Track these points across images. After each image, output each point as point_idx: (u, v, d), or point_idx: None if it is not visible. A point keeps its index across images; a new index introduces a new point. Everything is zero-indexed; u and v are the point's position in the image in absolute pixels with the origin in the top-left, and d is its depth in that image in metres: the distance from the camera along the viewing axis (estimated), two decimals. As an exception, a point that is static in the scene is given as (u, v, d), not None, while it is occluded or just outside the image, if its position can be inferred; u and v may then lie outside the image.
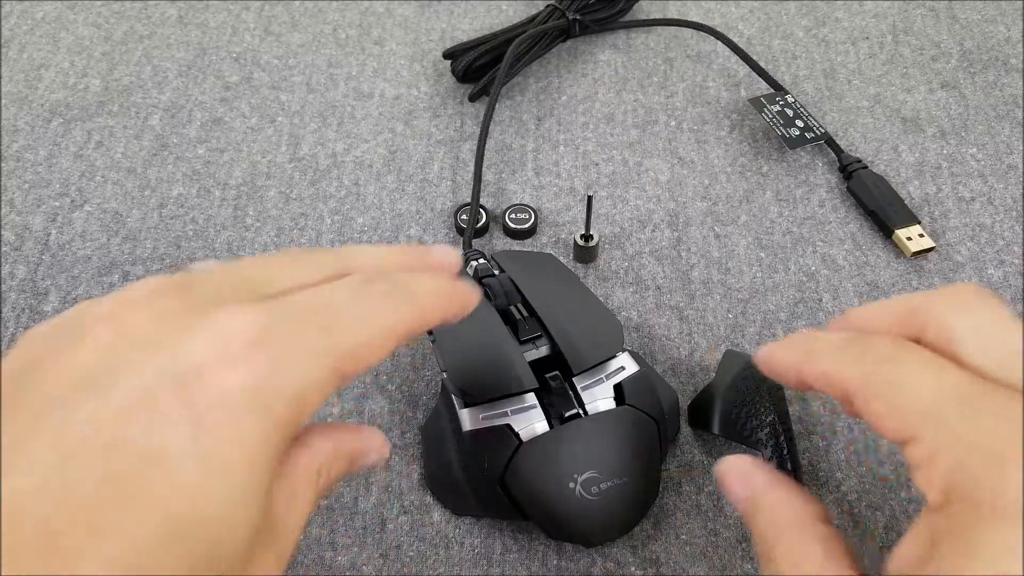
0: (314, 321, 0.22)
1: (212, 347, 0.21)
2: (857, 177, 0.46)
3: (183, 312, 0.22)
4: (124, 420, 0.19)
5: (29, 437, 0.19)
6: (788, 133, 0.48)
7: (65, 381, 0.20)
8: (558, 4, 0.53)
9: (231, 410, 0.20)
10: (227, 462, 0.20)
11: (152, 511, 0.19)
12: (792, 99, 0.50)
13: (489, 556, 0.34)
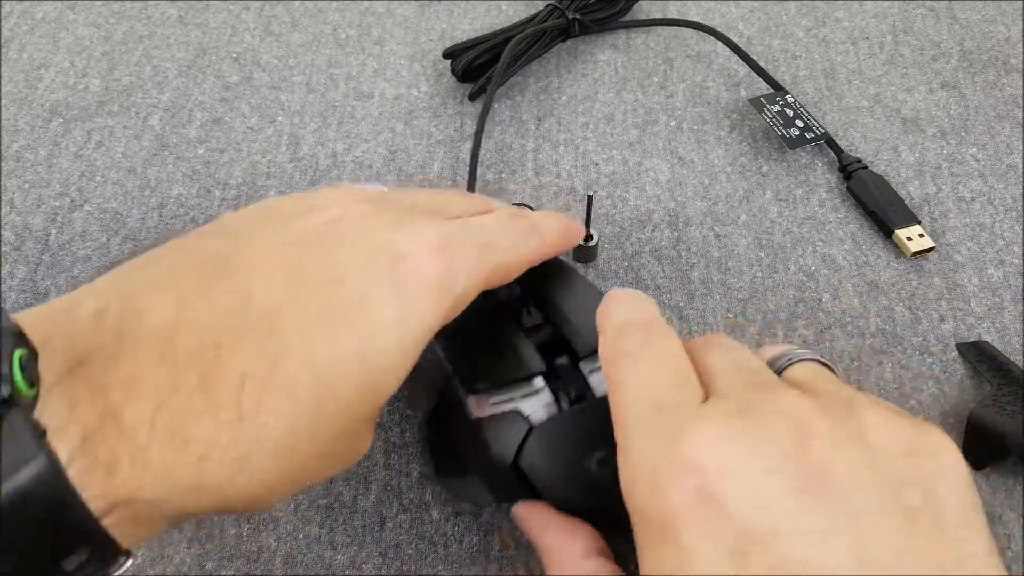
0: (479, 241, 0.29)
1: (415, 242, 0.26)
2: (857, 177, 0.46)
3: (393, 214, 0.28)
4: (346, 269, 0.25)
5: (273, 261, 0.25)
6: (788, 133, 0.48)
7: (302, 231, 0.26)
8: (558, 3, 0.53)
9: (423, 287, 0.26)
10: (410, 322, 0.25)
11: (351, 336, 0.24)
12: (792, 99, 0.50)
13: (488, 554, 0.34)
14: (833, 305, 0.42)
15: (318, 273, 0.25)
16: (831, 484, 0.20)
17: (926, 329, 0.42)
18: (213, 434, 0.22)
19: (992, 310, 0.42)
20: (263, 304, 0.23)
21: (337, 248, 0.26)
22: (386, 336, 0.25)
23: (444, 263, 0.27)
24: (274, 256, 0.25)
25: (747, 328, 0.42)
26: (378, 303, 0.25)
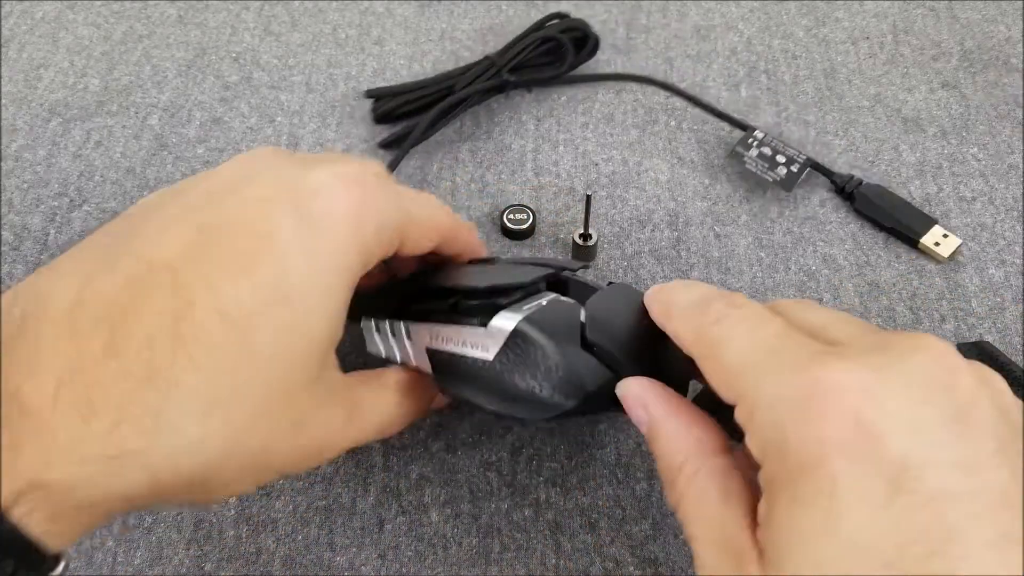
0: (397, 188, 0.29)
1: (327, 176, 0.26)
2: (860, 196, 0.45)
3: (296, 158, 0.27)
4: (251, 206, 0.25)
5: (179, 218, 0.24)
6: (777, 175, 0.46)
7: (209, 187, 0.26)
8: (495, 59, 0.50)
9: (334, 220, 0.25)
10: (321, 254, 0.25)
11: (257, 275, 0.23)
12: (761, 134, 0.48)
13: (487, 555, 0.34)
14: (834, 305, 0.42)
15: (222, 220, 0.24)
16: (979, 417, 0.20)
17: (927, 329, 0.42)
18: (124, 397, 0.21)
19: (993, 310, 0.42)
20: (166, 263, 0.23)
21: (243, 191, 0.25)
22: (296, 271, 0.24)
23: (358, 196, 0.26)
24: (179, 217, 0.24)
25: (747, 328, 0.41)
26: (283, 238, 0.24)
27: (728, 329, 0.24)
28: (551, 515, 0.35)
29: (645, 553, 0.34)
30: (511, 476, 0.36)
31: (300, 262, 0.24)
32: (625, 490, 0.36)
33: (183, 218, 0.24)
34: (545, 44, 0.50)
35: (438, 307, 0.30)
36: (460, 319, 0.29)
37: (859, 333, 0.24)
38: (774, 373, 0.22)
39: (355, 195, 0.26)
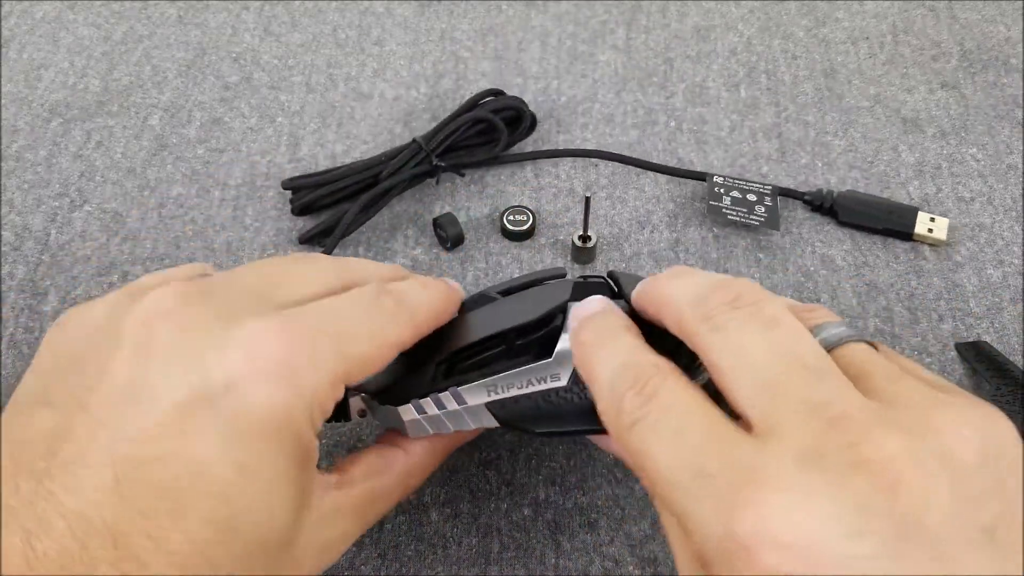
0: (329, 334, 0.25)
1: (240, 364, 0.23)
2: (841, 208, 0.45)
3: (211, 323, 0.24)
4: (166, 435, 0.22)
5: (90, 452, 0.21)
6: (759, 216, 0.45)
7: (108, 394, 0.22)
8: (423, 144, 0.46)
9: (258, 422, 0.23)
10: (259, 467, 0.23)
11: (200, 514, 0.22)
12: (720, 178, 0.46)
13: (487, 555, 0.34)
14: (832, 305, 0.42)
15: (138, 454, 0.22)
16: (922, 528, 0.18)
17: (925, 329, 0.42)
18: None
19: (991, 310, 0.42)
20: (99, 519, 0.21)
21: (150, 408, 0.22)
22: (239, 496, 0.22)
23: (280, 378, 0.23)
24: (91, 443, 0.22)
25: (746, 329, 0.42)
26: (211, 463, 0.22)
27: (646, 440, 0.22)
28: (550, 514, 0.35)
29: (644, 552, 0.34)
30: (510, 475, 0.37)
31: (235, 485, 0.22)
32: (624, 489, 0.36)
33: (95, 452, 0.22)
34: (478, 125, 0.47)
35: (485, 360, 0.29)
36: (516, 362, 0.28)
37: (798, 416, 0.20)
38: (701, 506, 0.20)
39: (277, 384, 0.23)
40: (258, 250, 0.45)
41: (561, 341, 0.28)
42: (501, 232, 0.45)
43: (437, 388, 0.29)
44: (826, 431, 0.19)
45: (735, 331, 0.22)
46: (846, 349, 0.23)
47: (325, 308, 0.26)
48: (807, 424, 0.20)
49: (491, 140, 0.47)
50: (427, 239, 0.45)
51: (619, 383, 0.23)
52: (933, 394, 0.21)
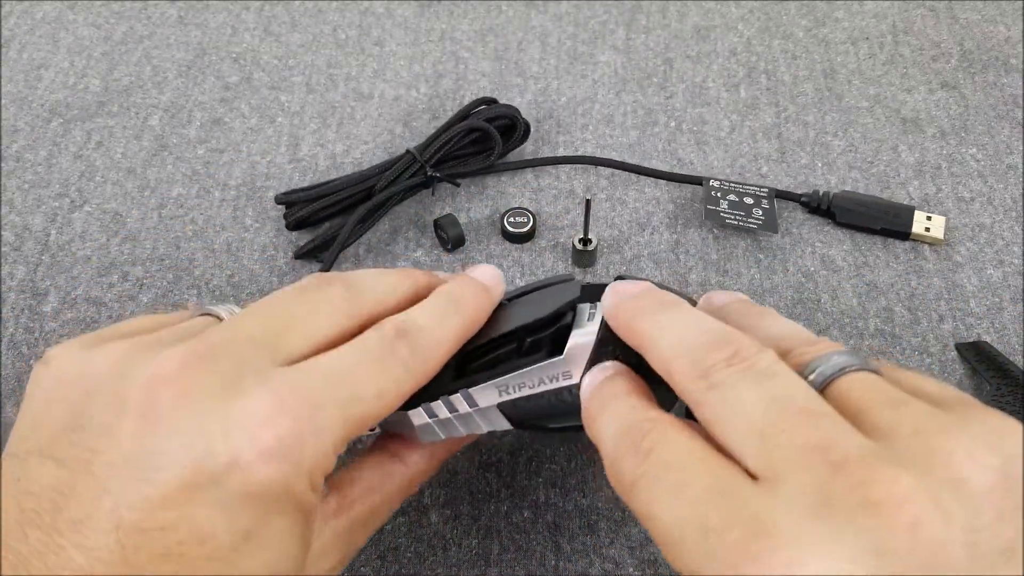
0: (334, 402, 0.25)
1: (243, 443, 0.23)
2: (838, 209, 0.45)
3: (214, 392, 0.24)
4: (170, 507, 0.22)
5: (97, 515, 0.22)
6: (757, 219, 0.45)
7: (113, 461, 0.23)
8: (417, 155, 0.45)
9: (260, 496, 0.23)
10: (261, 532, 0.23)
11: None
12: (717, 182, 0.46)
13: (487, 557, 0.34)
14: (832, 306, 0.42)
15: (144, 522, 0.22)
16: (943, 563, 0.18)
17: (925, 329, 0.42)
18: None
19: (991, 310, 0.42)
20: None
21: (154, 478, 0.22)
22: (242, 562, 0.23)
23: (281, 456, 0.23)
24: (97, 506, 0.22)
25: (746, 329, 0.42)
26: (215, 534, 0.22)
27: (652, 494, 0.21)
28: (550, 516, 0.36)
29: (644, 554, 0.35)
30: (510, 477, 0.37)
31: (238, 552, 0.23)
32: (624, 491, 0.36)
33: (101, 516, 0.22)
34: (472, 134, 0.46)
35: (496, 360, 0.29)
36: (527, 360, 0.28)
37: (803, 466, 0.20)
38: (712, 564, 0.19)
39: (275, 464, 0.23)
40: (258, 250, 0.45)
41: (572, 337, 0.28)
42: (501, 234, 0.45)
43: (447, 390, 0.29)
44: (831, 475, 0.19)
45: (731, 388, 0.22)
46: (845, 380, 0.22)
47: (331, 369, 0.25)
48: (811, 469, 0.19)
49: (485, 149, 0.47)
50: (428, 240, 0.45)
51: (620, 444, 0.23)
52: (936, 418, 0.20)
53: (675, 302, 0.26)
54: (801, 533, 0.18)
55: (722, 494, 0.20)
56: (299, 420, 0.24)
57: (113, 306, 0.43)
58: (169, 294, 0.43)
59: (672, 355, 0.24)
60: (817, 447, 0.19)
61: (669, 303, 0.26)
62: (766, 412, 0.21)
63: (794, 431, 0.20)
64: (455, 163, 0.47)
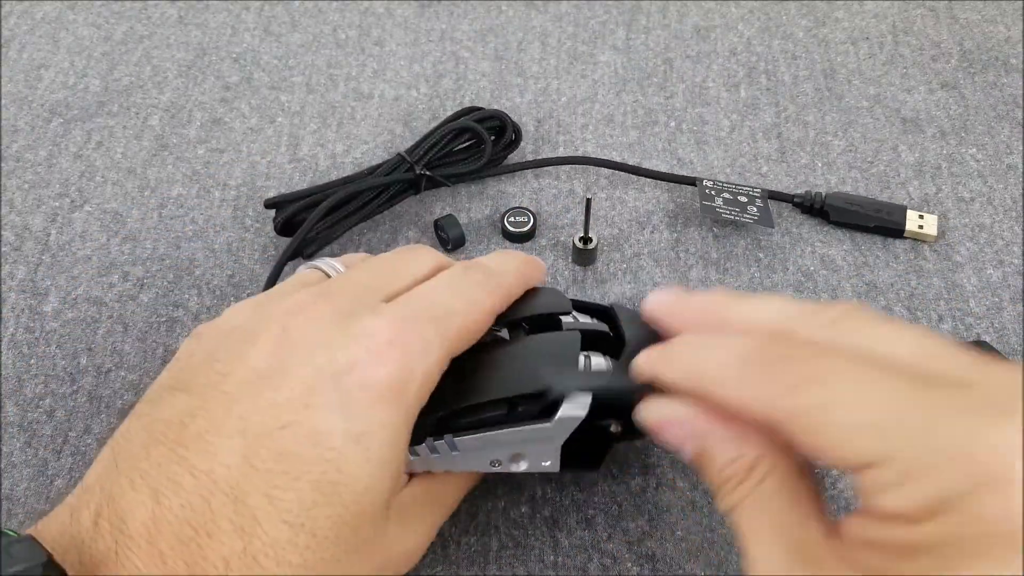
0: (432, 318, 0.28)
1: (359, 349, 0.26)
2: (832, 209, 0.45)
3: (333, 318, 0.27)
4: (292, 408, 0.25)
5: (224, 423, 0.25)
6: (752, 215, 0.45)
7: (245, 377, 0.26)
8: (407, 156, 0.45)
9: (375, 397, 0.26)
10: (371, 439, 0.25)
11: (312, 477, 0.25)
12: (710, 181, 0.46)
13: (486, 553, 0.34)
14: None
15: (267, 426, 0.25)
16: None
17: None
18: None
19: (991, 310, 0.42)
20: (224, 478, 0.24)
21: (280, 386, 0.26)
22: (349, 463, 0.25)
23: (395, 359, 0.26)
24: (224, 422, 0.25)
25: (745, 328, 0.42)
26: (330, 433, 0.25)
27: (830, 392, 0.22)
28: (548, 512, 0.35)
29: (642, 549, 0.34)
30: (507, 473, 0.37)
31: (351, 455, 0.25)
32: (620, 486, 0.36)
33: (228, 423, 0.25)
34: (462, 136, 0.46)
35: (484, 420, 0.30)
36: (515, 419, 0.29)
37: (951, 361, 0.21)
38: (931, 435, 0.20)
39: (391, 361, 0.26)
40: (259, 250, 0.45)
41: (562, 409, 0.29)
42: (502, 233, 0.45)
43: (433, 434, 0.30)
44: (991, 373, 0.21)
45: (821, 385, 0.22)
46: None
47: (425, 294, 0.29)
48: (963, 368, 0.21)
49: (477, 153, 0.47)
50: (428, 241, 0.45)
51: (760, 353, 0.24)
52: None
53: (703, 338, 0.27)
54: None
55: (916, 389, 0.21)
56: (404, 332, 0.27)
57: (114, 306, 0.43)
58: (169, 294, 0.43)
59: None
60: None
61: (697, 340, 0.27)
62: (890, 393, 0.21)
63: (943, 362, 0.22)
64: (448, 166, 0.46)
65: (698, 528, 0.35)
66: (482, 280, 0.30)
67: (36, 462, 0.37)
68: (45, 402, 0.39)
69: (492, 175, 0.48)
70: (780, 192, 0.46)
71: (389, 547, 0.27)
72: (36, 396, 0.39)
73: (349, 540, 0.25)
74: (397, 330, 0.27)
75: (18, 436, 0.38)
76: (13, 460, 0.37)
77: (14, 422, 0.38)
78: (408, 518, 0.29)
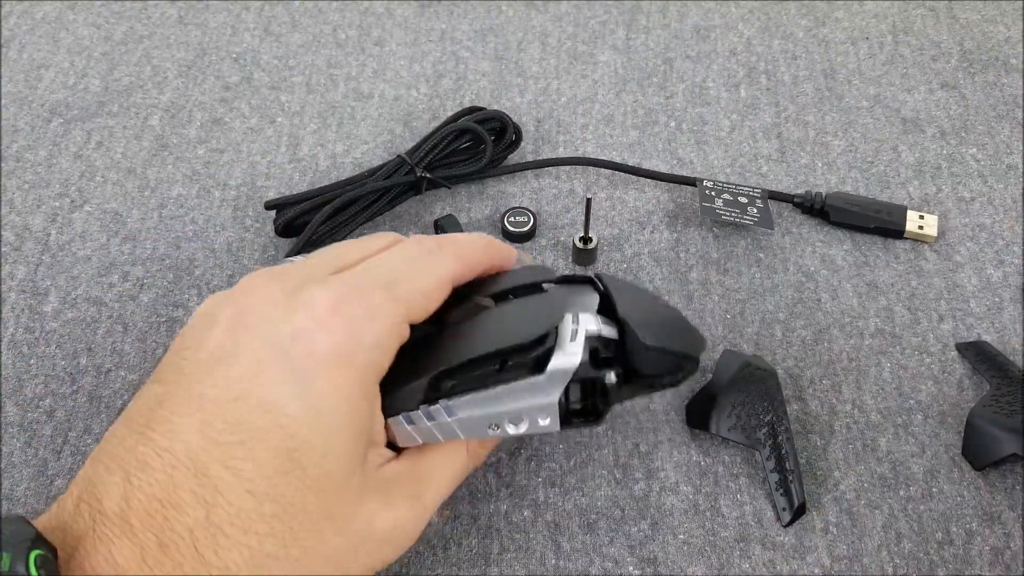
0: (377, 281, 0.29)
1: (302, 318, 0.27)
2: (832, 209, 0.45)
3: (281, 295, 0.28)
4: (243, 381, 0.26)
5: (184, 403, 0.26)
6: (752, 216, 0.45)
7: (203, 359, 0.27)
8: (407, 157, 0.45)
9: (322, 363, 0.26)
10: (323, 402, 0.26)
11: (268, 446, 0.25)
12: (710, 182, 0.46)
13: (487, 556, 0.34)
14: (832, 305, 0.42)
15: (221, 397, 0.26)
16: None
17: (925, 329, 0.42)
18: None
19: (991, 310, 0.42)
20: (184, 452, 0.25)
21: (232, 363, 0.27)
22: (302, 428, 0.26)
23: (339, 325, 0.27)
24: (185, 401, 0.26)
25: (745, 328, 0.42)
26: (280, 401, 0.26)
27: None
28: (550, 515, 0.35)
29: (644, 553, 0.35)
30: (510, 477, 0.37)
31: (304, 422, 0.26)
32: (623, 490, 0.36)
33: (188, 403, 0.26)
34: (462, 137, 0.46)
35: (478, 377, 0.29)
36: (508, 376, 0.29)
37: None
38: None
39: (336, 328, 0.27)
40: (259, 251, 0.45)
41: (554, 360, 0.28)
42: (502, 233, 0.45)
43: (428, 400, 0.29)
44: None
45: None
46: None
47: (373, 264, 0.30)
48: None
49: (477, 154, 0.47)
50: (427, 239, 0.45)
51: None
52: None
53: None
54: None
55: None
56: (347, 298, 0.28)
57: (113, 306, 0.43)
58: (169, 294, 0.43)
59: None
60: None
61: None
62: None
63: None
64: (448, 167, 0.46)
65: (700, 532, 0.35)
66: (433, 248, 0.31)
67: (36, 462, 0.37)
68: (45, 402, 0.39)
69: (492, 176, 0.48)
70: (780, 192, 0.46)
71: (369, 520, 0.27)
72: (36, 396, 0.39)
73: (319, 508, 0.26)
74: (339, 296, 0.28)
75: (18, 436, 0.38)
76: (13, 460, 0.37)
77: (14, 422, 0.38)
78: (391, 493, 0.28)
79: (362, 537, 0.27)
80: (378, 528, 0.28)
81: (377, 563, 0.28)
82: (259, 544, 0.25)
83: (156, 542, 0.24)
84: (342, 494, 0.26)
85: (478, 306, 0.32)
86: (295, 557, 0.25)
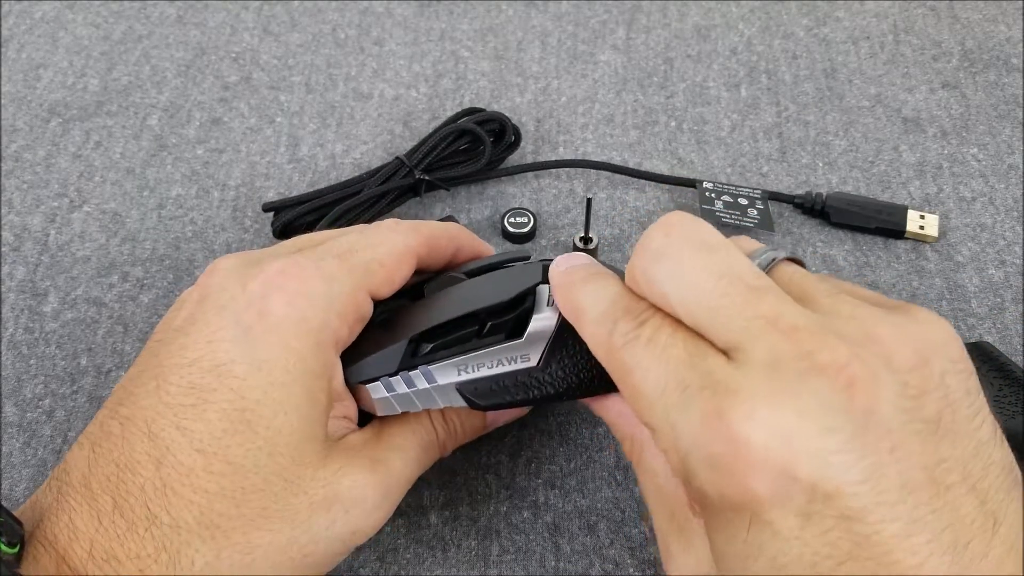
0: (336, 255, 0.29)
1: (255, 285, 0.28)
2: (832, 210, 0.45)
3: (241, 268, 0.29)
4: (197, 346, 0.27)
5: (144, 373, 0.27)
6: (752, 218, 0.45)
7: (167, 335, 0.28)
8: (405, 159, 0.45)
9: (273, 325, 0.27)
10: (273, 363, 0.27)
11: (218, 407, 0.26)
12: (710, 184, 0.46)
13: (486, 558, 0.34)
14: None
15: (176, 362, 0.27)
16: (877, 422, 0.20)
17: (926, 331, 0.41)
18: (139, 546, 0.24)
19: (993, 310, 0.42)
20: (141, 417, 0.26)
21: (190, 331, 0.27)
22: (253, 390, 0.26)
23: (291, 289, 0.28)
24: (146, 369, 0.27)
25: (747, 330, 0.41)
26: (231, 363, 0.26)
27: (637, 356, 0.24)
28: (550, 517, 0.35)
29: (645, 555, 0.34)
30: (510, 478, 0.36)
31: (250, 380, 0.26)
32: (624, 492, 0.36)
33: (147, 372, 0.27)
34: (461, 138, 0.46)
35: (456, 339, 0.30)
36: (487, 341, 0.29)
37: (755, 330, 0.22)
38: (686, 416, 0.22)
39: (286, 293, 0.28)
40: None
41: (532, 322, 0.29)
42: (502, 234, 0.45)
43: (407, 366, 0.30)
44: (782, 342, 0.21)
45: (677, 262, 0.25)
46: (781, 270, 0.25)
47: (331, 240, 0.31)
48: (764, 338, 0.22)
49: (476, 156, 0.46)
50: (427, 240, 0.45)
51: (614, 310, 0.25)
52: (867, 308, 0.23)
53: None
54: (764, 392, 0.21)
55: (701, 358, 0.23)
56: (299, 266, 0.28)
57: (113, 306, 0.42)
58: (169, 294, 0.43)
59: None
60: (770, 318, 0.22)
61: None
62: (716, 288, 0.23)
63: (747, 305, 0.23)
64: (447, 168, 0.46)
65: (699, 531, 0.35)
66: (392, 225, 0.32)
67: (36, 462, 0.37)
68: (45, 402, 0.39)
69: (492, 177, 0.47)
70: (781, 193, 0.46)
71: (329, 482, 0.27)
72: (36, 396, 0.39)
73: (271, 468, 0.26)
74: (292, 263, 0.28)
75: (18, 436, 0.38)
76: (13, 460, 0.37)
77: (14, 422, 0.38)
78: (357, 459, 0.28)
79: (323, 500, 0.27)
80: (341, 492, 0.27)
81: (346, 532, 0.28)
82: (209, 503, 0.25)
83: (112, 504, 0.25)
84: (298, 455, 0.27)
85: (453, 278, 0.32)
86: (249, 517, 0.25)
